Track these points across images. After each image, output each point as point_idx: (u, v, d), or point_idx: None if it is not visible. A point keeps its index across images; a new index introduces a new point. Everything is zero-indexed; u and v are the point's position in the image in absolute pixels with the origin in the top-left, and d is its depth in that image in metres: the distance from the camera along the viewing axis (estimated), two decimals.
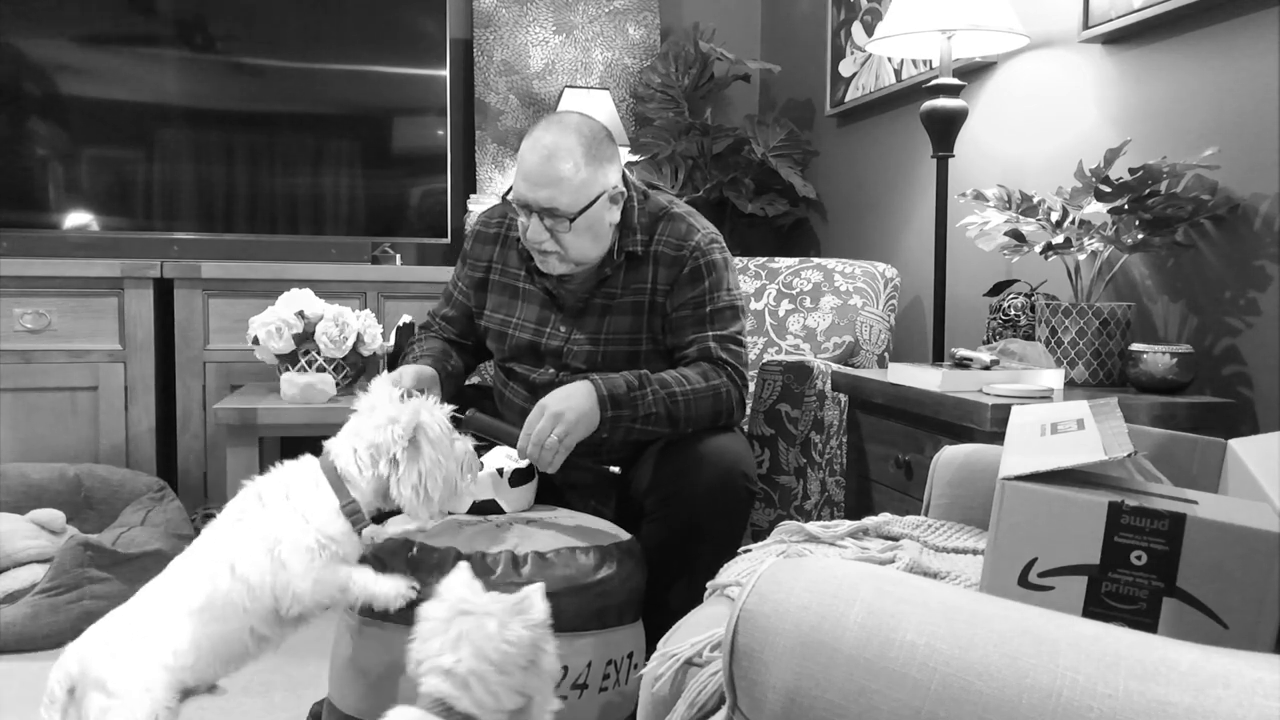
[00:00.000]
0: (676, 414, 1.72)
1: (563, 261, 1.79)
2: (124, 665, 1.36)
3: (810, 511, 2.23)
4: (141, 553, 2.47)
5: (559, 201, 1.72)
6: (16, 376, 2.91)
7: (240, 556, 1.42)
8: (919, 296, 2.81)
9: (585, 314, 1.86)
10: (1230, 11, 1.79)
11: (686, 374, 1.76)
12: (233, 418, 2.48)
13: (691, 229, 1.86)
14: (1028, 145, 2.35)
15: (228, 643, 1.43)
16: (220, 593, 1.41)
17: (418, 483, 1.50)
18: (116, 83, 3.13)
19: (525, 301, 1.92)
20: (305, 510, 1.45)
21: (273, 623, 1.44)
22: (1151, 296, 1.98)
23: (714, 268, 1.83)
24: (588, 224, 1.76)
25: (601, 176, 1.77)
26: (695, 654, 1.00)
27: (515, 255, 1.94)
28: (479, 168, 3.56)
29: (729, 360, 1.80)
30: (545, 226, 1.75)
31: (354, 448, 1.51)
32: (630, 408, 1.68)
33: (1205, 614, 0.77)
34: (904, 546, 1.31)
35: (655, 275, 1.84)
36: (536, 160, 1.74)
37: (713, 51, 3.45)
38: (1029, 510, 0.83)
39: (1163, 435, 1.22)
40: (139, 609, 1.43)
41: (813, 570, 0.71)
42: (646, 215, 1.87)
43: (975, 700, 0.59)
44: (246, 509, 1.48)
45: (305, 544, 1.43)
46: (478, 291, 1.97)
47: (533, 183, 1.74)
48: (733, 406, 1.79)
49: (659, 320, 1.85)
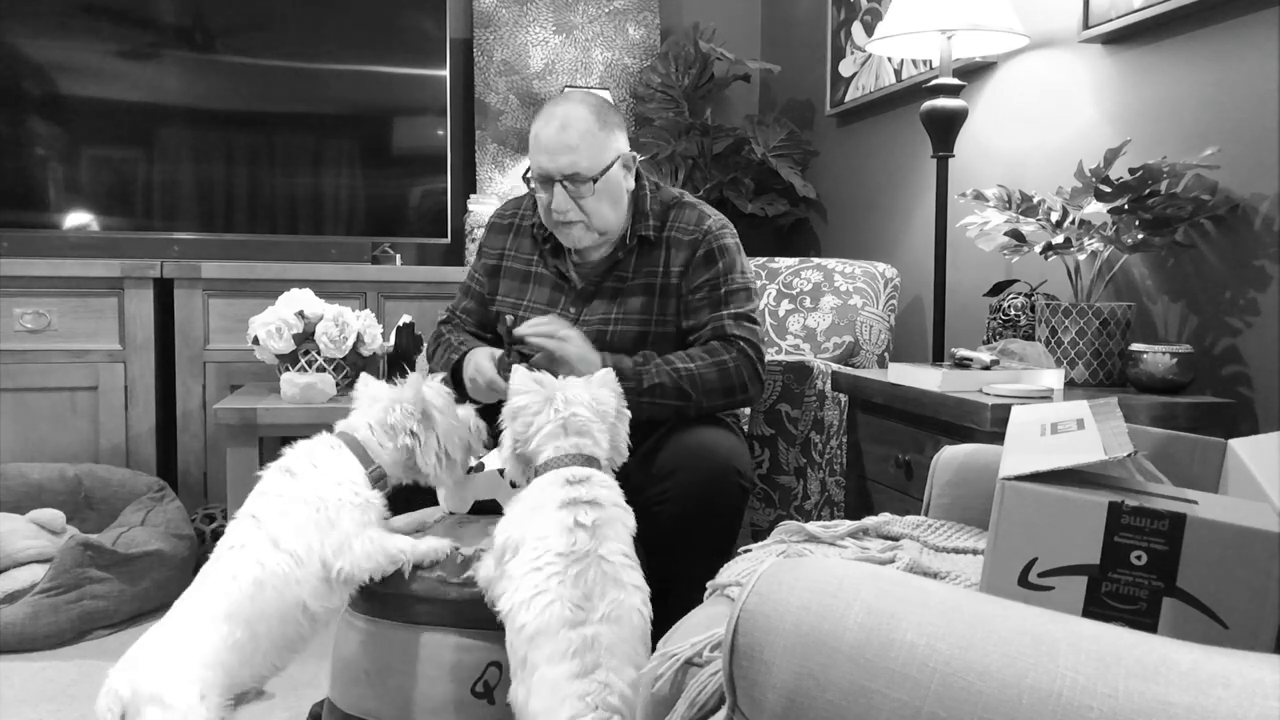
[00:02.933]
0: (683, 387, 1.76)
1: (587, 231, 1.85)
2: (176, 676, 1.35)
3: (810, 511, 2.23)
4: (142, 553, 2.47)
5: (580, 165, 1.80)
6: (16, 376, 2.91)
7: (282, 531, 1.43)
8: (919, 296, 2.81)
9: (596, 296, 1.91)
10: (1230, 11, 1.79)
11: (691, 352, 1.82)
12: (233, 418, 2.48)
13: (704, 215, 1.93)
14: (1028, 145, 2.35)
15: (283, 623, 1.43)
16: (269, 571, 1.41)
17: (439, 449, 1.58)
18: (116, 83, 3.13)
19: (536, 284, 1.97)
20: (337, 474, 1.50)
21: (323, 594, 1.46)
22: (1151, 296, 1.98)
23: (727, 251, 1.90)
24: (607, 187, 1.84)
25: (614, 141, 1.86)
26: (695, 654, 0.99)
27: (528, 242, 2.00)
28: (479, 168, 3.56)
29: (742, 336, 1.84)
30: (569, 194, 1.82)
31: (369, 423, 1.58)
32: (635, 380, 1.73)
33: (1205, 614, 0.77)
34: (904, 546, 1.31)
35: (668, 259, 1.90)
36: (553, 131, 1.82)
37: (713, 51, 3.45)
38: (1029, 510, 0.83)
39: (1163, 435, 1.22)
40: (181, 619, 1.42)
41: (813, 570, 0.71)
42: (659, 204, 1.95)
43: (975, 700, 0.59)
44: (275, 487, 1.49)
45: (350, 500, 1.47)
46: (490, 278, 2.03)
47: (552, 153, 1.81)
48: (745, 381, 1.82)
49: (671, 302, 1.89)
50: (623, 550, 1.36)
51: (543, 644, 1.26)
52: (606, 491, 1.43)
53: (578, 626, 1.26)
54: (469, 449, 1.65)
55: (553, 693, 1.23)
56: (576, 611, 1.27)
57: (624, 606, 1.30)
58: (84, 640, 2.37)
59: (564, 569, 1.30)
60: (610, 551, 1.34)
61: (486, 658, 1.53)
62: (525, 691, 1.27)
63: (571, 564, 1.31)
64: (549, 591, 1.29)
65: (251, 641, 1.40)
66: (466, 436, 1.64)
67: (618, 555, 1.35)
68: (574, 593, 1.29)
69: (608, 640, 1.26)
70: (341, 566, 1.45)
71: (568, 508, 1.36)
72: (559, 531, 1.34)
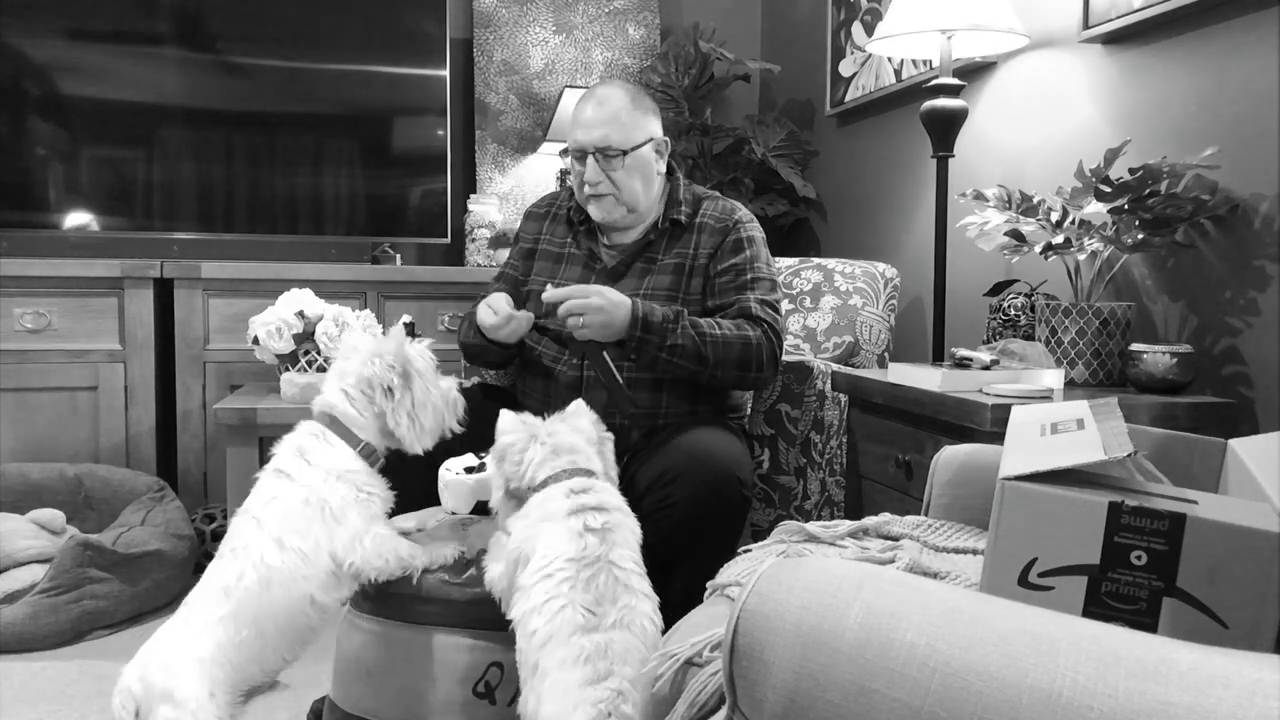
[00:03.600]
0: (704, 353, 1.83)
1: (617, 204, 1.96)
2: (186, 672, 1.36)
3: (810, 511, 2.23)
4: (142, 553, 2.47)
5: (612, 139, 1.93)
6: (16, 376, 2.91)
7: (286, 530, 1.43)
8: (919, 296, 2.81)
9: (627, 276, 1.99)
10: (1230, 11, 1.79)
11: (721, 321, 1.88)
12: (233, 418, 2.48)
13: (735, 207, 2.05)
14: (1028, 145, 2.35)
15: (292, 618, 1.43)
16: (275, 569, 1.41)
17: (412, 410, 1.53)
18: (116, 83, 3.13)
19: (568, 264, 2.06)
20: (330, 467, 1.48)
21: (331, 586, 1.46)
22: (1151, 296, 1.98)
23: (754, 242, 2.00)
24: (638, 164, 1.96)
25: (646, 124, 1.98)
26: (695, 654, 0.99)
27: (563, 227, 2.10)
28: (479, 168, 3.56)
29: (765, 318, 1.91)
30: (600, 167, 1.93)
31: (343, 390, 1.54)
32: (659, 335, 1.81)
33: (1205, 614, 0.77)
34: (904, 546, 1.31)
35: (699, 241, 2.00)
36: (590, 107, 1.96)
37: (713, 51, 3.45)
38: (1029, 510, 0.83)
39: (1163, 435, 1.22)
40: (189, 616, 1.42)
41: (813, 570, 0.71)
42: (691, 194, 2.07)
43: (975, 700, 0.59)
44: (273, 490, 1.48)
45: (352, 496, 1.46)
46: (525, 260, 2.12)
47: (587, 126, 1.95)
48: (763, 360, 1.88)
49: (698, 281, 1.97)
50: (632, 558, 1.36)
51: (555, 649, 1.25)
52: (611, 497, 1.43)
53: (590, 632, 1.25)
54: (442, 420, 1.59)
55: (564, 698, 1.22)
56: (589, 617, 1.26)
57: (635, 613, 1.29)
58: (84, 640, 2.37)
59: (575, 573, 1.30)
60: (620, 558, 1.34)
61: (488, 658, 1.53)
62: (536, 700, 1.26)
63: (583, 569, 1.30)
64: (560, 597, 1.28)
65: (260, 639, 1.40)
66: (441, 407, 1.58)
67: (628, 562, 1.35)
68: (585, 597, 1.28)
69: (620, 647, 1.25)
70: (353, 561, 1.45)
71: (576, 515, 1.36)
72: (569, 538, 1.34)
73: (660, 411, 1.92)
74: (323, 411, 1.55)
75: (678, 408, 1.92)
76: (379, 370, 1.53)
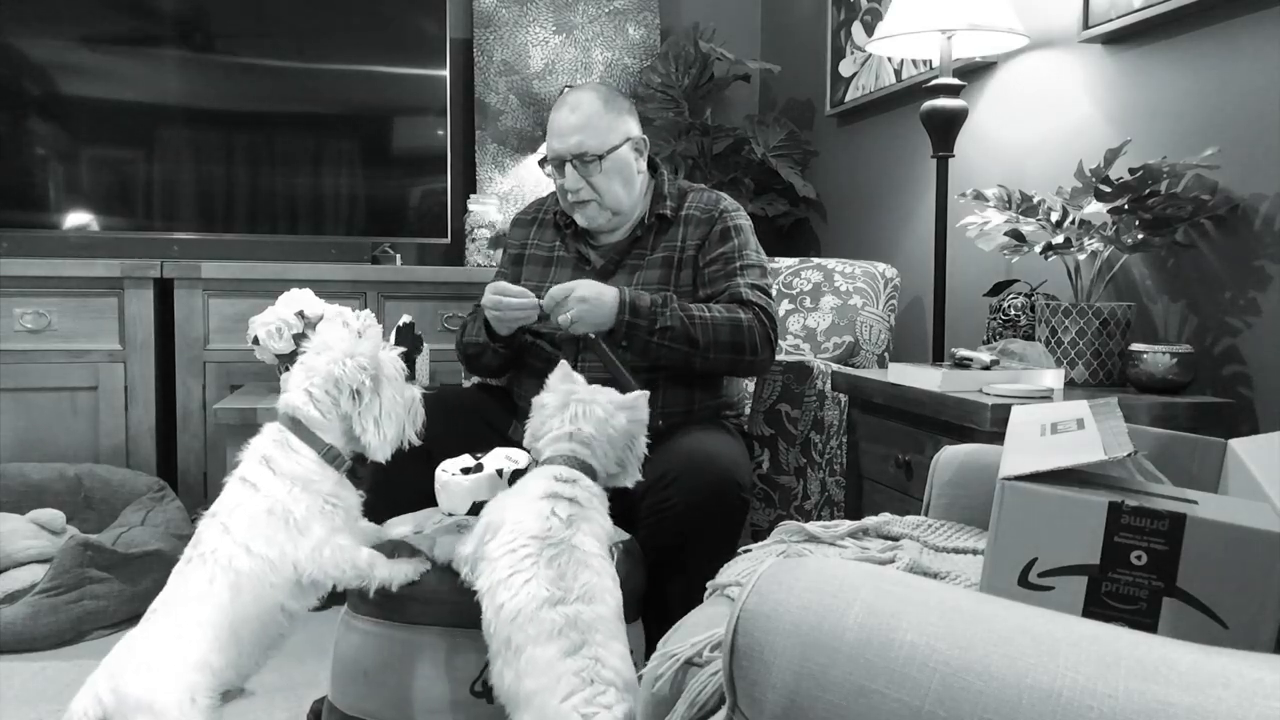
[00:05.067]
0: (694, 334, 1.84)
1: (601, 209, 1.97)
2: (164, 680, 1.34)
3: (810, 511, 2.23)
4: (142, 553, 2.47)
5: (587, 144, 1.93)
6: (16, 376, 2.91)
7: (253, 536, 1.41)
8: (919, 296, 2.80)
9: (616, 274, 2.00)
10: (1230, 11, 1.79)
11: (709, 305, 1.90)
12: (233, 418, 2.48)
13: (720, 197, 2.06)
14: (1028, 145, 2.35)
15: (264, 624, 1.43)
16: (244, 575, 1.40)
17: (379, 416, 1.50)
18: (116, 83, 3.13)
19: (558, 267, 2.06)
20: (294, 474, 1.45)
21: (297, 594, 1.45)
22: (1151, 296, 1.98)
23: (741, 230, 2.01)
24: (616, 166, 1.96)
25: (621, 124, 1.98)
26: (695, 654, 0.99)
27: (550, 231, 2.11)
28: (479, 168, 3.56)
29: (756, 301, 1.92)
30: (579, 173, 1.94)
31: (308, 390, 1.49)
32: (648, 319, 1.83)
33: (1205, 614, 0.77)
34: (904, 546, 1.31)
35: (685, 234, 2.00)
36: (562, 114, 1.97)
37: (713, 51, 3.45)
38: (1029, 510, 0.83)
39: (1163, 435, 1.22)
40: (160, 623, 1.39)
41: (813, 570, 0.71)
42: (676, 189, 2.08)
43: (975, 700, 0.59)
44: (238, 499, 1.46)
45: (316, 507, 1.45)
46: (514, 266, 2.13)
47: (562, 134, 1.95)
48: (756, 342, 1.89)
49: (688, 273, 1.98)
50: (596, 546, 1.40)
51: (524, 625, 1.29)
52: (589, 496, 1.45)
53: (557, 605, 1.29)
54: (403, 430, 1.55)
55: (546, 672, 1.26)
56: (554, 590, 1.30)
57: (597, 588, 1.34)
58: (84, 640, 2.37)
59: (539, 551, 1.34)
60: (583, 543, 1.38)
61: (485, 657, 1.53)
62: (514, 674, 1.29)
63: (546, 547, 1.35)
64: (524, 571, 1.33)
65: (235, 644, 1.40)
66: (404, 416, 1.54)
67: (591, 546, 1.38)
68: (548, 573, 1.32)
69: (589, 617, 1.30)
70: (310, 571, 1.43)
71: (548, 499, 1.41)
72: (535, 516, 1.38)
73: (657, 409, 1.91)
74: (285, 414, 1.50)
75: (674, 405, 1.92)
76: (349, 371, 1.48)
